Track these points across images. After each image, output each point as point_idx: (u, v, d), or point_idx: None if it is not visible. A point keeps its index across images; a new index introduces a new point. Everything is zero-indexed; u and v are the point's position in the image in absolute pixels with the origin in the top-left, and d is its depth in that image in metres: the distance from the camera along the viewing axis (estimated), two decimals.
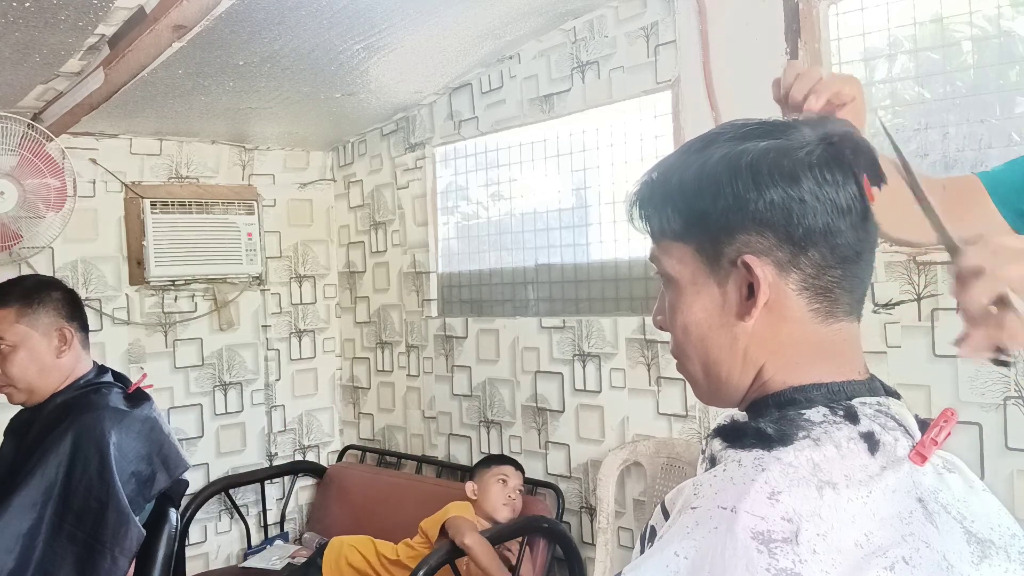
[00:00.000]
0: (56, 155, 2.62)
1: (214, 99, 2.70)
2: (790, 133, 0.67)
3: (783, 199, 0.64)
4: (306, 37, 2.28)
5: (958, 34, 1.93)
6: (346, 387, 3.65)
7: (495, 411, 2.96)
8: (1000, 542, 0.62)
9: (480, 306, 3.07)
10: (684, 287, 0.70)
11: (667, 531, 0.64)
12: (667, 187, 0.70)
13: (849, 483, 0.61)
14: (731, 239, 0.66)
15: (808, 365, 0.68)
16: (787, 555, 0.57)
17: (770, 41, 2.13)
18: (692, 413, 2.36)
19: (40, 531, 1.53)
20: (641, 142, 2.54)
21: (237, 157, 3.34)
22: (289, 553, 3.11)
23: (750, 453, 0.64)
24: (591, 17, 2.57)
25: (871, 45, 2.06)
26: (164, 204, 3.06)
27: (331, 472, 3.42)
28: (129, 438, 1.64)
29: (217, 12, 1.99)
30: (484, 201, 3.12)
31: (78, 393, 1.73)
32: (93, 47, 2.21)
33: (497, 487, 2.56)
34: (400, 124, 3.30)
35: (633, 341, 2.51)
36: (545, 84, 2.73)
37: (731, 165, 0.66)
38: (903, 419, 0.66)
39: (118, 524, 1.54)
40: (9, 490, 1.56)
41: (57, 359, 1.72)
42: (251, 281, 3.34)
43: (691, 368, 0.73)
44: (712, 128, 0.73)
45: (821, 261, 0.66)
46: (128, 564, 1.56)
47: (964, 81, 1.92)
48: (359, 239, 3.54)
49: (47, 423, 1.66)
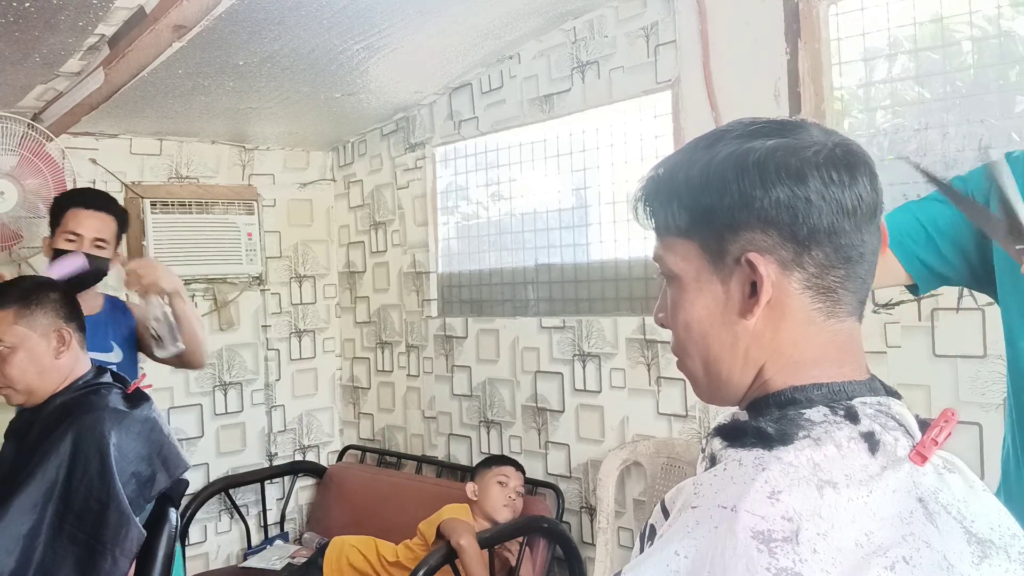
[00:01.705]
0: (56, 155, 2.62)
1: (214, 99, 2.70)
2: (798, 132, 0.68)
3: (789, 198, 0.64)
4: (306, 37, 2.28)
5: (958, 34, 1.93)
6: (346, 387, 3.65)
7: (495, 411, 2.96)
8: (1000, 542, 0.62)
9: (480, 306, 3.07)
10: (687, 284, 0.70)
11: (667, 530, 0.64)
12: (673, 183, 0.70)
13: (849, 483, 0.60)
14: (736, 236, 0.66)
15: (809, 365, 0.67)
16: (787, 554, 0.57)
17: (770, 41, 2.13)
18: (692, 413, 2.36)
19: (41, 532, 1.53)
20: (641, 142, 2.54)
21: (237, 157, 3.34)
22: (289, 553, 3.11)
23: (750, 452, 0.64)
24: (591, 17, 2.57)
25: (871, 45, 2.06)
26: (164, 204, 3.06)
27: (331, 472, 3.42)
28: (129, 439, 1.64)
29: (217, 12, 1.99)
30: (484, 201, 3.12)
31: (78, 394, 1.72)
32: (93, 47, 2.21)
33: (497, 488, 2.56)
34: (400, 124, 3.30)
35: (633, 341, 2.51)
36: (545, 84, 2.73)
37: (738, 162, 0.66)
38: (903, 419, 0.66)
39: (119, 525, 1.54)
40: (9, 491, 1.55)
41: (56, 360, 1.72)
42: (251, 281, 3.34)
43: (692, 366, 0.73)
44: (719, 126, 0.72)
45: (824, 261, 0.66)
46: (129, 564, 1.56)
47: (964, 81, 1.92)
48: (359, 239, 3.54)
49: (47, 424, 1.66)
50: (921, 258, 1.15)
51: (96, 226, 2.14)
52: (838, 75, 2.10)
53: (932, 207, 1.16)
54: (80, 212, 2.14)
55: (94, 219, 2.14)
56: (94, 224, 2.14)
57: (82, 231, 2.12)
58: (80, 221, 2.13)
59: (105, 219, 2.16)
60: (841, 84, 2.11)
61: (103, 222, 2.15)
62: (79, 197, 2.21)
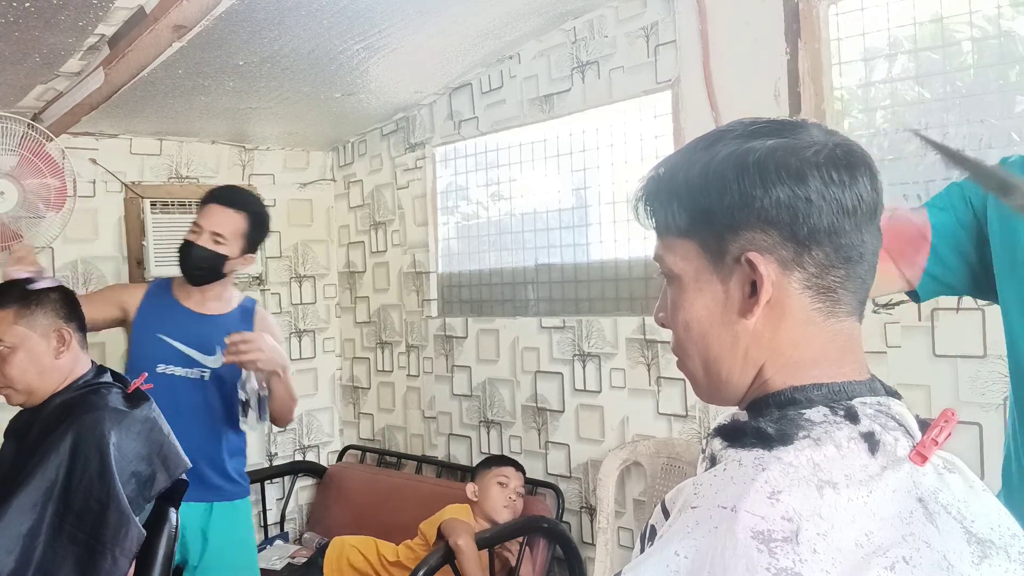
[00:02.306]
0: (56, 155, 2.61)
1: (214, 99, 2.70)
2: (798, 132, 0.68)
3: (789, 198, 0.64)
4: (306, 37, 2.28)
5: (958, 34, 1.93)
6: (346, 387, 3.65)
7: (495, 411, 2.96)
8: (1000, 542, 0.62)
9: (480, 306, 3.07)
10: (687, 284, 0.70)
11: (667, 530, 0.64)
12: (673, 183, 0.70)
13: (849, 483, 0.60)
14: (735, 236, 0.66)
15: (809, 365, 0.67)
16: (787, 554, 0.57)
17: (770, 41, 2.13)
18: (692, 413, 2.36)
19: (40, 532, 1.53)
20: (641, 142, 2.54)
21: (237, 157, 3.34)
22: (289, 553, 3.11)
23: (750, 453, 0.64)
24: (591, 17, 2.57)
25: (871, 45, 2.06)
26: (164, 204, 3.06)
27: (331, 472, 3.42)
28: (129, 438, 1.64)
29: (217, 12, 1.99)
30: (484, 201, 3.12)
31: (77, 394, 1.72)
32: (93, 47, 2.21)
33: (498, 489, 2.56)
34: (400, 124, 3.30)
35: (633, 341, 2.51)
36: (545, 84, 2.73)
37: (738, 162, 0.66)
38: (903, 419, 0.66)
39: (118, 524, 1.54)
40: (9, 491, 1.55)
41: (56, 360, 1.72)
42: (251, 281, 3.34)
43: (691, 366, 0.73)
44: (719, 126, 0.73)
45: (824, 261, 0.66)
46: (128, 564, 1.56)
47: (964, 81, 1.92)
48: (359, 239, 3.54)
49: (47, 424, 1.66)
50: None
51: (218, 221, 2.14)
52: (838, 75, 2.10)
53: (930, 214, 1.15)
54: (211, 206, 2.16)
55: (219, 214, 2.14)
56: (217, 218, 2.14)
57: (203, 223, 2.14)
58: (206, 213, 2.16)
59: (231, 215, 2.15)
60: (841, 84, 2.11)
61: (228, 218, 2.14)
62: (217, 191, 2.22)
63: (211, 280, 2.20)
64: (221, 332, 2.15)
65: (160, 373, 2.15)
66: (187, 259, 2.15)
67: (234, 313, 2.27)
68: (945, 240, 1.14)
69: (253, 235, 2.20)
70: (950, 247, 1.14)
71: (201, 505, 2.17)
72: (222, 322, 2.21)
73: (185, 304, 2.24)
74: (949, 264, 1.15)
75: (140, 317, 2.23)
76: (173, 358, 2.18)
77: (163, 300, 2.25)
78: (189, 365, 2.19)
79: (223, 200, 2.17)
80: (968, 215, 1.14)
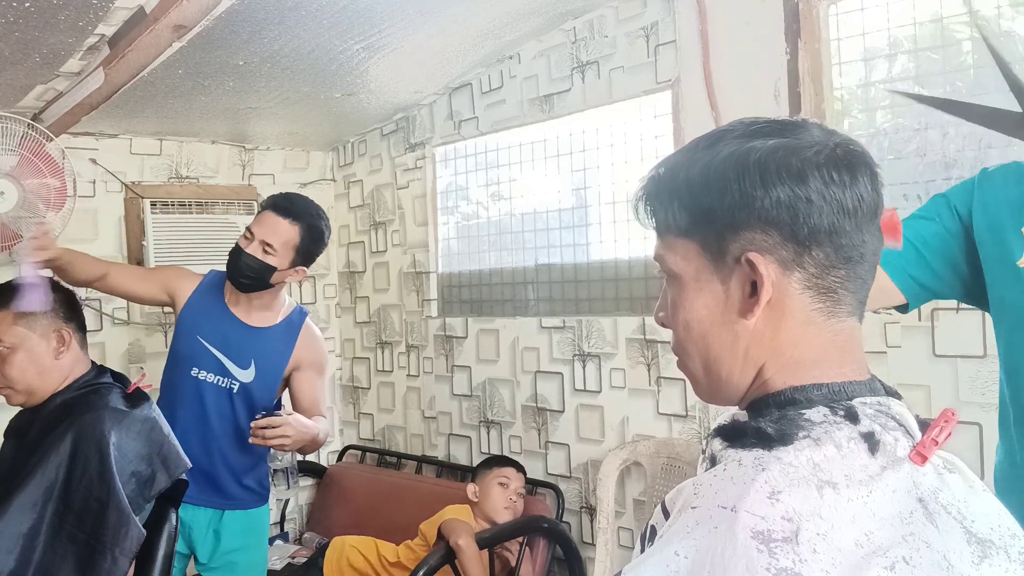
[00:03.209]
0: (56, 155, 2.62)
1: (214, 99, 2.70)
2: (799, 132, 0.68)
3: (790, 198, 0.64)
4: (306, 37, 2.28)
5: (958, 34, 1.93)
6: (346, 387, 3.65)
7: (495, 411, 2.96)
8: (1000, 542, 0.62)
9: (480, 306, 3.07)
10: (687, 283, 0.70)
11: (667, 530, 0.64)
12: (674, 183, 0.70)
13: (849, 483, 0.60)
14: (736, 236, 0.66)
15: (809, 365, 0.67)
16: (787, 554, 0.57)
17: (770, 41, 2.13)
18: (692, 413, 2.36)
19: (40, 531, 1.53)
20: (641, 142, 2.54)
21: (237, 157, 3.34)
22: (289, 553, 3.11)
23: (750, 453, 0.64)
24: (591, 17, 2.57)
25: (871, 45, 2.06)
26: (164, 204, 3.06)
27: (331, 472, 3.42)
28: (129, 438, 1.64)
29: (217, 12, 1.99)
30: (484, 201, 3.12)
31: (77, 394, 1.72)
32: (93, 47, 2.21)
33: (498, 490, 2.56)
34: (400, 124, 3.30)
35: (633, 341, 2.51)
36: (545, 84, 2.73)
37: (739, 162, 0.66)
38: (903, 419, 0.66)
39: (118, 524, 1.54)
40: (9, 491, 1.55)
41: (56, 360, 1.72)
42: None
43: (691, 366, 0.73)
44: (720, 125, 0.72)
45: (825, 261, 0.66)
46: (128, 564, 1.56)
47: (964, 81, 1.92)
48: (359, 239, 3.54)
49: (47, 424, 1.66)
50: (912, 274, 1.15)
51: (270, 230, 2.06)
52: (838, 75, 2.10)
53: (918, 224, 1.15)
54: (266, 213, 2.09)
55: (272, 223, 2.07)
56: (269, 227, 2.06)
57: (255, 230, 2.07)
58: (260, 220, 2.09)
59: (284, 226, 2.07)
60: (841, 84, 2.11)
61: (281, 228, 2.06)
62: (274, 198, 2.15)
63: (257, 289, 2.12)
64: (260, 346, 2.13)
65: (193, 377, 2.14)
66: (235, 266, 2.09)
67: (278, 327, 2.20)
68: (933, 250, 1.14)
69: (306, 248, 2.12)
70: (939, 256, 1.14)
71: (211, 511, 2.18)
72: (263, 335, 2.16)
73: (232, 309, 2.18)
74: (939, 273, 1.14)
75: (186, 312, 2.19)
76: (207, 363, 2.14)
77: (212, 300, 2.20)
78: (221, 374, 2.15)
79: (278, 208, 2.09)
80: (955, 223, 1.14)
